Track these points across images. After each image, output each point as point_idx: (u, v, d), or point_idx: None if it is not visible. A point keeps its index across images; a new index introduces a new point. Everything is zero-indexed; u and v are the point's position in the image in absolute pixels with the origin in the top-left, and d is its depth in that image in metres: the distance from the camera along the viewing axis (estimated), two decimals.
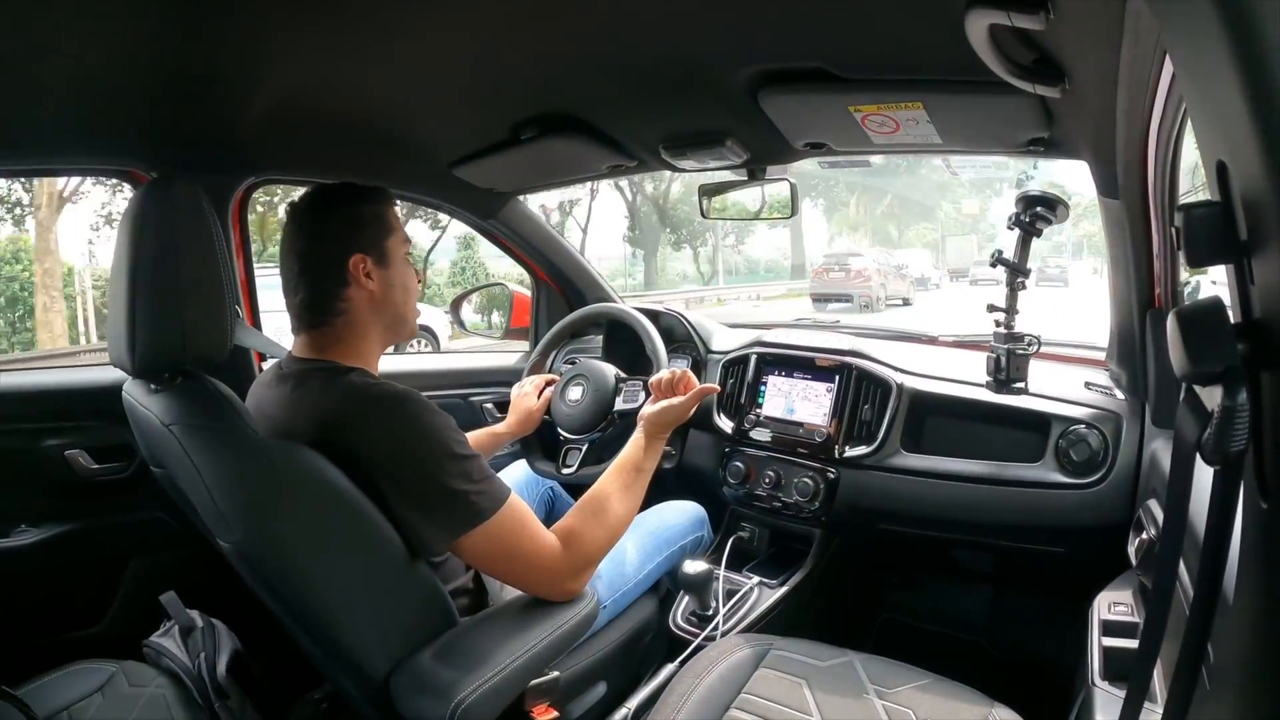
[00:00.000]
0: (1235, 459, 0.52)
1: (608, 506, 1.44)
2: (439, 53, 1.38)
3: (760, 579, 2.06)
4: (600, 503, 1.44)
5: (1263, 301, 0.49)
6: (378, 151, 1.93)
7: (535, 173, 2.20)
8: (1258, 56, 0.43)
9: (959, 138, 1.62)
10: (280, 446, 1.20)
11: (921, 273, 26.48)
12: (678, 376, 1.71)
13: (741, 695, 1.41)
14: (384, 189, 1.44)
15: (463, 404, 2.56)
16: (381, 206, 1.41)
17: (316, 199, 1.39)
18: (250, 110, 1.54)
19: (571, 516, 1.42)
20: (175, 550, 1.99)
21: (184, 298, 1.20)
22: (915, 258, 28.28)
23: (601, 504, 1.44)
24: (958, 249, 34.40)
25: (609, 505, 1.44)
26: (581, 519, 1.41)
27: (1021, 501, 1.84)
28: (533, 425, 2.05)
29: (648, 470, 1.56)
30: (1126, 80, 1.05)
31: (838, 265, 20.55)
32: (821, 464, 2.07)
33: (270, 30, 1.25)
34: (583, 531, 1.39)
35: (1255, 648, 0.55)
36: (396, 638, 1.27)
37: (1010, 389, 1.75)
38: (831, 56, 1.34)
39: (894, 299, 21.18)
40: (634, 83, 1.54)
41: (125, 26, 1.17)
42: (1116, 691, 1.20)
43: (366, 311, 1.38)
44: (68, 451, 1.90)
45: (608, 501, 1.45)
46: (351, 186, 1.41)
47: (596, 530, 1.40)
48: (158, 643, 1.55)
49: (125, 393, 1.35)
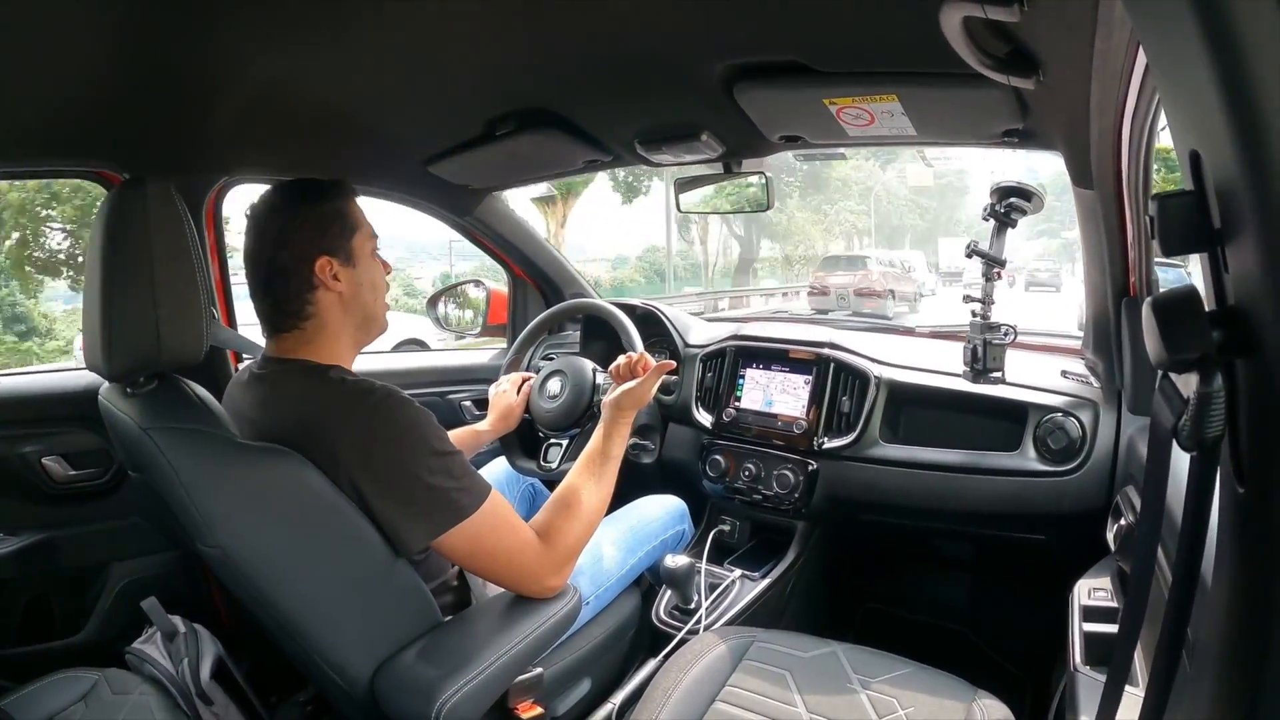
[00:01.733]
0: (1212, 445, 0.52)
1: (579, 498, 1.44)
2: (412, 50, 1.37)
3: (742, 572, 2.07)
4: (572, 496, 1.44)
5: (1237, 289, 0.50)
6: (352, 149, 1.92)
7: (511, 169, 2.19)
8: (1229, 46, 0.43)
9: (934, 130, 1.63)
10: (259, 449, 1.20)
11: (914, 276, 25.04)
12: (635, 360, 1.72)
13: (726, 688, 1.42)
14: (345, 182, 1.40)
15: (441, 402, 2.55)
16: (343, 202, 1.37)
17: (275, 200, 1.35)
18: (222, 109, 1.53)
19: (545, 513, 1.41)
20: (155, 556, 1.98)
21: (158, 300, 1.19)
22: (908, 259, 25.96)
23: (573, 497, 1.44)
24: (950, 250, 32.30)
25: (580, 497, 1.44)
26: (555, 514, 1.41)
27: (1001, 490, 1.85)
28: (514, 423, 2.04)
29: (616, 457, 1.56)
30: (1100, 71, 1.06)
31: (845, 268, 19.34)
32: (801, 456, 2.08)
33: (241, 29, 1.23)
34: (558, 527, 1.39)
35: (1232, 629, 0.55)
36: (379, 638, 1.27)
37: (987, 379, 1.77)
38: (806, 49, 1.34)
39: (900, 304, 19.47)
40: (608, 78, 1.54)
41: (94, 26, 1.16)
42: (1098, 676, 1.21)
43: (336, 312, 1.36)
44: (44, 458, 1.88)
45: (579, 494, 1.45)
46: (310, 183, 1.37)
47: (571, 524, 1.40)
48: (140, 649, 1.54)
49: (101, 397, 1.34)
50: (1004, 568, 2.35)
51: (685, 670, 1.46)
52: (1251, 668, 0.52)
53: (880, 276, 19.02)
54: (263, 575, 1.19)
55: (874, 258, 20.86)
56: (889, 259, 21.92)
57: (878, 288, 18.63)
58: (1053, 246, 34.66)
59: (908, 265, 22.13)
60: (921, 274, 24.86)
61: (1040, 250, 34.70)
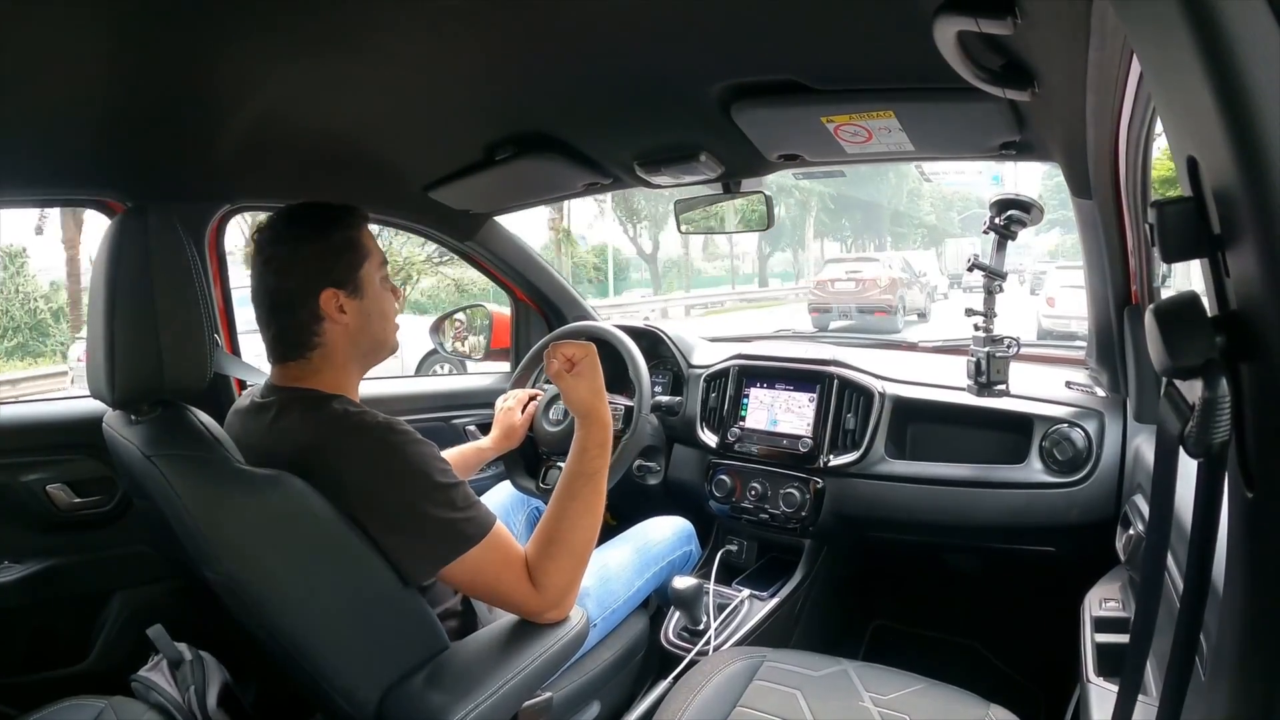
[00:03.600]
0: (1219, 451, 0.52)
1: (561, 532, 1.36)
2: (412, 77, 1.37)
3: (750, 591, 2.06)
4: (554, 531, 1.36)
5: (1238, 293, 0.50)
6: (352, 175, 1.92)
7: (511, 193, 2.19)
8: (1222, 51, 0.43)
9: (931, 144, 1.64)
10: (263, 476, 1.19)
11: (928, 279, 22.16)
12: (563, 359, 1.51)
13: (737, 709, 1.41)
14: (355, 209, 1.38)
15: (445, 427, 2.55)
16: (353, 231, 1.35)
17: (281, 227, 1.34)
18: (224, 138, 1.54)
19: (531, 550, 1.35)
20: (160, 583, 1.97)
21: (161, 328, 1.20)
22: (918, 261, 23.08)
23: (555, 532, 1.36)
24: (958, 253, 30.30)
25: (562, 529, 1.36)
26: (539, 553, 1.34)
27: (1009, 503, 1.85)
28: (516, 441, 2.04)
29: (597, 471, 1.44)
30: (1095, 81, 1.06)
31: (847, 274, 17.08)
32: (807, 474, 2.07)
33: (243, 58, 1.24)
34: (544, 569, 1.33)
35: (1245, 636, 0.55)
36: (387, 664, 1.26)
37: (992, 391, 1.77)
38: (802, 68, 1.35)
39: (910, 314, 17.52)
40: (606, 100, 1.55)
41: (98, 56, 1.17)
42: (1111, 687, 1.21)
43: (343, 343, 1.35)
44: (48, 486, 1.87)
45: (560, 526, 1.37)
46: (318, 209, 1.35)
47: (558, 562, 1.34)
48: (146, 677, 1.53)
49: (105, 425, 1.34)
50: (1013, 580, 2.34)
51: (695, 691, 1.45)
52: (1266, 674, 0.52)
53: (890, 284, 16.62)
54: (268, 601, 1.19)
55: (883, 260, 18.25)
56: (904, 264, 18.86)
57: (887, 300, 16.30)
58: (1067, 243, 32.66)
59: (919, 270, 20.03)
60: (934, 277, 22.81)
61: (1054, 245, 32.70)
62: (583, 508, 1.40)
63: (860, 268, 17.42)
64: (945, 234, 36.74)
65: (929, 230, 38.58)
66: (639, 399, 1.96)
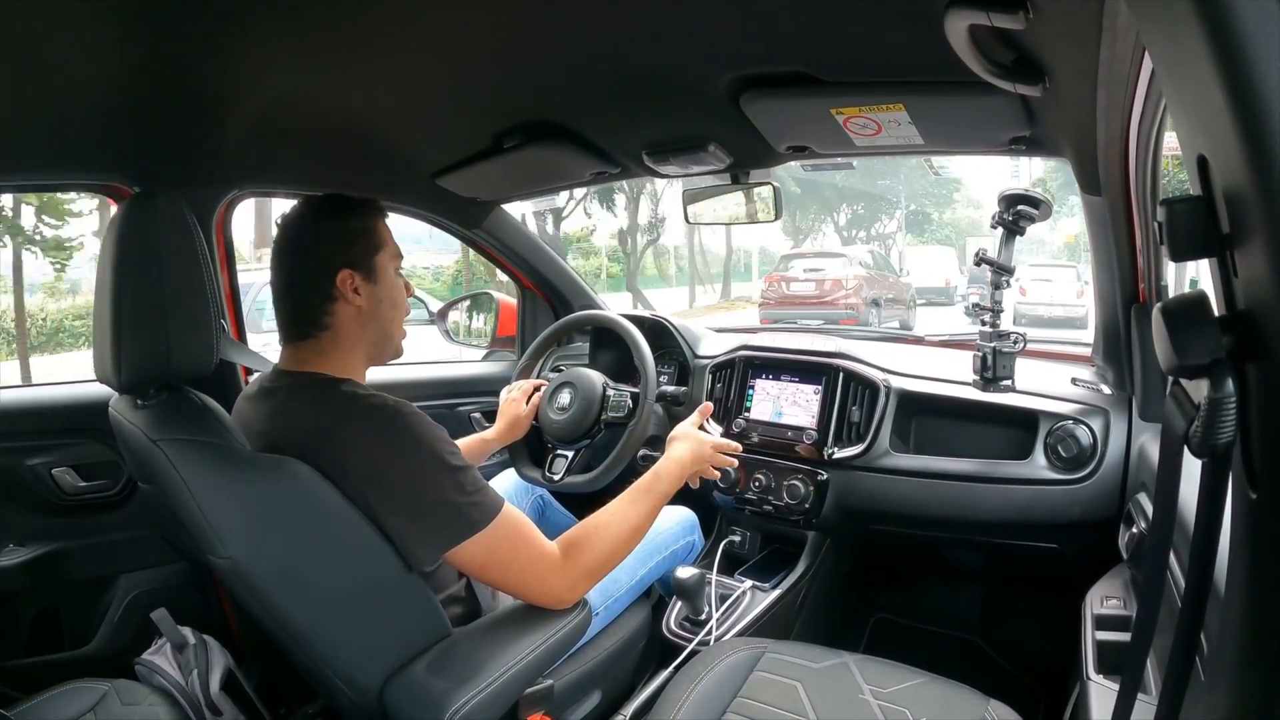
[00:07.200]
0: (1223, 451, 0.52)
1: (611, 522, 1.43)
2: (419, 63, 1.37)
3: (753, 582, 2.06)
4: (604, 518, 1.43)
5: (1246, 293, 0.50)
6: (360, 162, 1.92)
7: (519, 181, 2.19)
8: (1235, 50, 0.43)
9: (941, 138, 1.63)
10: (269, 460, 1.20)
11: (946, 279, 21.12)
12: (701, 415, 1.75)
13: (737, 699, 1.41)
14: (374, 201, 1.42)
15: (450, 414, 2.55)
16: (372, 220, 1.39)
17: (305, 211, 1.37)
18: (232, 123, 1.54)
19: (574, 530, 1.41)
20: (165, 567, 1.98)
21: (168, 312, 1.20)
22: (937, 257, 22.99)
23: (605, 520, 1.43)
24: None
25: (612, 521, 1.43)
26: (581, 532, 1.40)
27: (1012, 498, 1.84)
28: (521, 432, 2.04)
29: (661, 494, 1.52)
30: (1106, 78, 1.06)
31: (806, 273, 14.72)
32: (811, 466, 2.07)
33: (253, 45, 1.24)
34: (580, 545, 1.37)
35: (1246, 636, 0.55)
36: (389, 650, 1.26)
37: (997, 387, 1.76)
38: (812, 60, 1.35)
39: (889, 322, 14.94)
40: (615, 90, 1.54)
41: (106, 41, 1.17)
42: (1111, 685, 1.21)
43: (353, 326, 1.37)
44: (54, 469, 1.88)
45: (612, 517, 1.43)
46: (341, 198, 1.39)
47: (595, 543, 1.39)
48: (150, 660, 1.54)
49: (112, 409, 1.34)
50: (1015, 576, 2.34)
51: (696, 681, 1.45)
52: (1266, 675, 0.52)
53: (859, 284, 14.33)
54: (273, 586, 1.19)
55: (850, 257, 15.49)
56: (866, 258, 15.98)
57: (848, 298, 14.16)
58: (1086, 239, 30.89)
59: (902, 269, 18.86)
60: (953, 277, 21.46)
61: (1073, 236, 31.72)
62: (635, 516, 1.46)
63: (822, 265, 15.00)
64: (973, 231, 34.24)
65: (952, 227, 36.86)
66: (644, 388, 1.96)
